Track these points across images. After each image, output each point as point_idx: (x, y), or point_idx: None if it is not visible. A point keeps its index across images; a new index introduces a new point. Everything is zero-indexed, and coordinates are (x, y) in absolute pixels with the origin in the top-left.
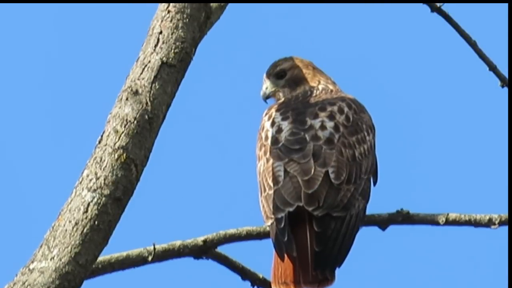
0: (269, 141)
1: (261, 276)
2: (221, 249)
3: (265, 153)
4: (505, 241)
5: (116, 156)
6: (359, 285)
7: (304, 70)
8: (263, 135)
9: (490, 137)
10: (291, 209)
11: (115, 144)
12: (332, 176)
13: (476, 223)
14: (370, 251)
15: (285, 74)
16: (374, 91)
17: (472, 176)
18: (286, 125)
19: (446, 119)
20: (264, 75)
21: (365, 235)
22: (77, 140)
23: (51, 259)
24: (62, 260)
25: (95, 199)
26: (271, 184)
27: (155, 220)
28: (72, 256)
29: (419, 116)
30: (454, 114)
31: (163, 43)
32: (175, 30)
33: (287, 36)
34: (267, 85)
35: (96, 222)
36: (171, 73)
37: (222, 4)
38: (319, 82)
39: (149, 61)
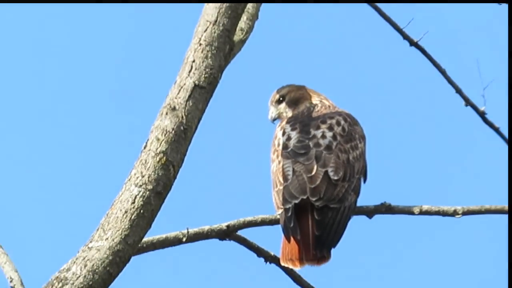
0: (280, 147)
1: (272, 254)
2: (241, 233)
3: (277, 156)
4: (467, 228)
5: (157, 159)
6: (350, 262)
7: (299, 92)
8: (276, 142)
9: (453, 139)
10: (296, 201)
11: (157, 149)
12: (330, 174)
13: (444, 213)
14: (359, 235)
15: (284, 99)
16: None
17: (442, 174)
18: (294, 135)
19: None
20: (268, 103)
21: (356, 222)
22: (127, 147)
23: (105, 240)
24: (115, 240)
25: (141, 193)
26: (282, 181)
27: (189, 209)
28: (122, 237)
29: (402, 122)
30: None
31: (195, 69)
32: (205, 59)
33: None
34: (272, 111)
35: (141, 211)
36: (202, 93)
37: (243, 38)
38: (316, 100)
39: (184, 84)
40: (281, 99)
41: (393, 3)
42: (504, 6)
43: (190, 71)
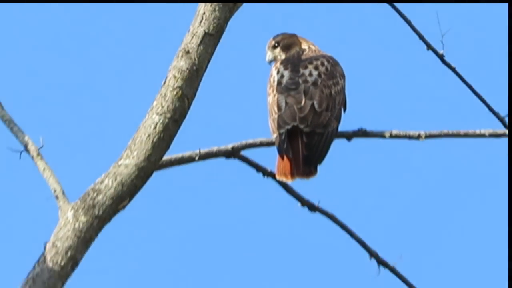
0: (275, 83)
1: (269, 170)
2: (244, 153)
3: (272, 91)
4: (429, 151)
5: (175, 93)
6: (333, 177)
7: (291, 39)
8: (271, 79)
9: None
10: (288, 127)
11: (174, 85)
12: (316, 106)
13: (410, 137)
14: (340, 155)
15: (279, 45)
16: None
17: (408, 106)
18: (286, 73)
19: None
20: (266, 47)
21: (337, 144)
22: (149, 83)
23: (132, 158)
24: (140, 158)
25: (161, 120)
26: (276, 111)
27: (200, 133)
28: (146, 156)
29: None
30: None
31: (205, 20)
32: (213, 12)
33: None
34: (268, 54)
35: (161, 135)
36: (211, 39)
37: None
38: (305, 45)
39: (197, 32)
40: (276, 44)
41: None
42: (504, 6)
43: (201, 21)
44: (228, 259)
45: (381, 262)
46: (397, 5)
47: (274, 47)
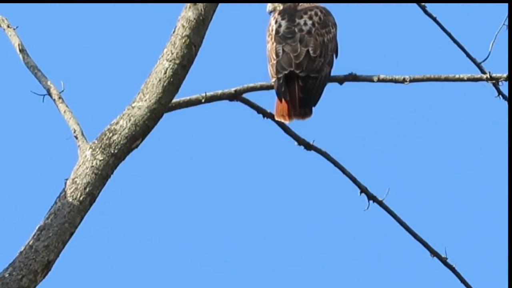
0: (273, 32)
1: (268, 111)
2: (246, 96)
3: (271, 39)
4: (414, 93)
5: (183, 41)
6: (326, 117)
7: None
8: (270, 28)
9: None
10: (286, 72)
11: (182, 33)
12: (310, 52)
13: (396, 81)
14: (333, 98)
15: None
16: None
17: (393, 51)
18: (283, 23)
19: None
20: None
21: (330, 88)
22: (158, 33)
23: (144, 101)
24: (151, 101)
25: (171, 66)
26: (275, 57)
27: (206, 78)
28: (157, 99)
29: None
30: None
31: None
32: None
33: None
34: (268, 5)
35: (171, 79)
36: None
37: None
38: None
39: None
40: None
41: None
42: (504, 6)
43: None
44: (231, 192)
45: (371, 197)
46: None
47: None
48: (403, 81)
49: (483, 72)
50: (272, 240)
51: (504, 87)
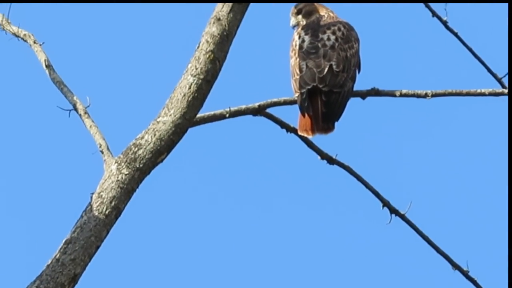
0: (297, 47)
1: (292, 126)
2: (269, 111)
3: (294, 54)
4: (436, 108)
5: (207, 56)
6: (348, 132)
7: (312, 6)
8: (294, 43)
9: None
10: (309, 87)
11: (207, 49)
12: (334, 67)
13: (417, 95)
14: (355, 112)
15: (301, 11)
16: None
17: (415, 68)
18: (307, 38)
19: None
20: (289, 14)
21: (352, 102)
22: (182, 48)
23: (169, 116)
24: (176, 116)
25: (195, 81)
26: (298, 72)
27: (230, 93)
28: (182, 114)
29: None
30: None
31: None
32: None
33: None
34: (292, 20)
35: (195, 94)
36: (239, 7)
37: None
38: (324, 12)
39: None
40: (298, 11)
41: None
42: (504, 6)
43: None
44: (255, 206)
45: (393, 211)
46: None
47: (297, 13)
48: (425, 95)
49: (503, 86)
50: (295, 254)
51: None
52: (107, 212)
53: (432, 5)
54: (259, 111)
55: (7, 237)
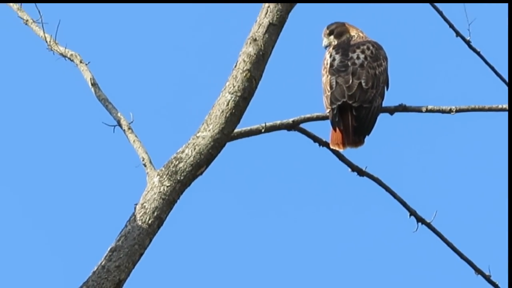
0: (328, 65)
1: (324, 140)
2: (302, 126)
3: (326, 72)
4: (460, 123)
5: (244, 74)
6: (378, 145)
7: (343, 27)
8: (325, 62)
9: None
10: (339, 103)
11: (244, 68)
12: (363, 84)
13: (442, 111)
14: (384, 127)
15: (333, 32)
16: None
17: (440, 86)
18: (337, 57)
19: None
20: (322, 34)
21: (381, 118)
22: (220, 67)
23: (208, 131)
24: (215, 131)
25: (233, 98)
26: (329, 89)
27: (266, 109)
28: (220, 129)
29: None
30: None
31: (270, 12)
32: (276, 5)
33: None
34: (324, 40)
35: (233, 110)
36: (274, 29)
37: None
38: (354, 32)
39: (263, 22)
40: (330, 32)
41: None
42: (504, 6)
43: (266, 13)
44: (290, 216)
45: (419, 219)
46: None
47: (329, 34)
48: (450, 111)
49: None
50: (327, 260)
51: None
52: (149, 221)
53: (442, 5)
54: (293, 126)
55: (56, 245)
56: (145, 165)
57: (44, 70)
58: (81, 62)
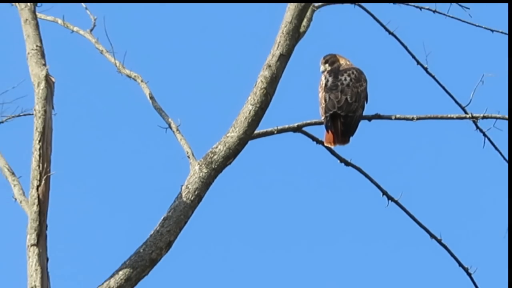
0: (323, 85)
1: (320, 139)
2: (305, 129)
3: (322, 90)
4: (421, 127)
5: (262, 91)
6: (359, 143)
7: (335, 57)
8: (321, 83)
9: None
10: (331, 113)
11: (261, 86)
12: (348, 99)
13: (407, 119)
14: (364, 130)
15: (327, 61)
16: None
17: (406, 97)
18: (330, 79)
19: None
20: (320, 63)
21: (362, 124)
22: (244, 87)
23: (235, 132)
24: (240, 132)
25: (253, 108)
26: (324, 102)
27: (277, 115)
28: (244, 131)
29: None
30: None
31: (280, 46)
32: (285, 41)
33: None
34: (321, 67)
35: (253, 117)
36: (284, 58)
37: (304, 30)
38: (342, 61)
39: (275, 53)
40: (325, 61)
41: None
42: (504, 6)
43: (278, 47)
44: (291, 193)
45: (390, 198)
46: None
47: (324, 63)
48: (412, 119)
49: (466, 113)
50: (315, 233)
51: (481, 123)
52: (192, 198)
53: (417, 54)
54: (297, 129)
55: (124, 217)
56: (189, 157)
57: (115, 88)
58: (142, 81)
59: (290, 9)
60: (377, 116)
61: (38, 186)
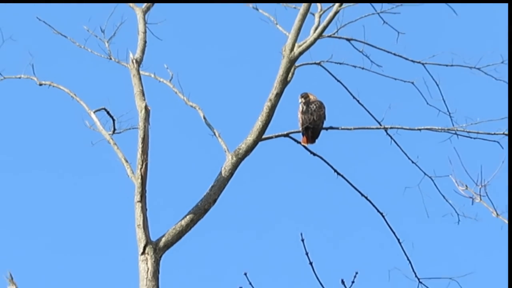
0: (301, 110)
1: (299, 141)
2: (291, 135)
3: (300, 113)
4: (355, 135)
5: (266, 114)
6: (321, 143)
7: (307, 94)
8: (300, 108)
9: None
10: (305, 126)
11: (266, 111)
12: (315, 118)
13: (346, 129)
14: (324, 136)
15: (303, 97)
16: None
17: (349, 118)
18: (304, 107)
19: None
20: (298, 97)
21: (323, 133)
22: (258, 101)
23: (251, 136)
24: (254, 137)
25: (261, 125)
26: (301, 120)
27: (275, 126)
28: (256, 136)
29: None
30: None
31: (275, 89)
32: (280, 85)
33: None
34: (300, 100)
35: (261, 129)
36: (278, 95)
37: (293, 72)
38: (312, 96)
39: (273, 92)
40: (302, 97)
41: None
42: (504, 6)
43: (275, 88)
44: (278, 179)
45: (339, 174)
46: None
47: (301, 97)
48: (350, 129)
49: (380, 124)
50: (289, 205)
51: (396, 136)
52: (227, 174)
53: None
54: (287, 135)
55: (193, 186)
56: (225, 151)
57: (182, 115)
58: (199, 108)
59: (281, 67)
60: (330, 127)
61: (141, 168)
